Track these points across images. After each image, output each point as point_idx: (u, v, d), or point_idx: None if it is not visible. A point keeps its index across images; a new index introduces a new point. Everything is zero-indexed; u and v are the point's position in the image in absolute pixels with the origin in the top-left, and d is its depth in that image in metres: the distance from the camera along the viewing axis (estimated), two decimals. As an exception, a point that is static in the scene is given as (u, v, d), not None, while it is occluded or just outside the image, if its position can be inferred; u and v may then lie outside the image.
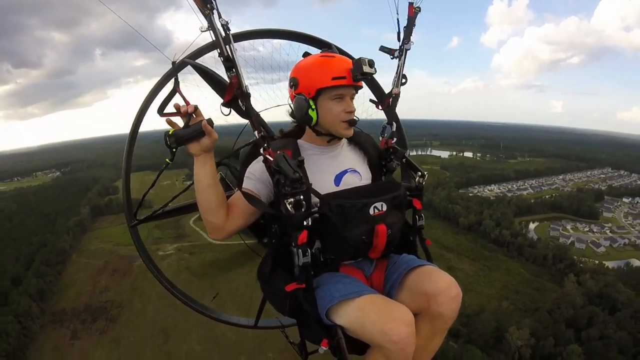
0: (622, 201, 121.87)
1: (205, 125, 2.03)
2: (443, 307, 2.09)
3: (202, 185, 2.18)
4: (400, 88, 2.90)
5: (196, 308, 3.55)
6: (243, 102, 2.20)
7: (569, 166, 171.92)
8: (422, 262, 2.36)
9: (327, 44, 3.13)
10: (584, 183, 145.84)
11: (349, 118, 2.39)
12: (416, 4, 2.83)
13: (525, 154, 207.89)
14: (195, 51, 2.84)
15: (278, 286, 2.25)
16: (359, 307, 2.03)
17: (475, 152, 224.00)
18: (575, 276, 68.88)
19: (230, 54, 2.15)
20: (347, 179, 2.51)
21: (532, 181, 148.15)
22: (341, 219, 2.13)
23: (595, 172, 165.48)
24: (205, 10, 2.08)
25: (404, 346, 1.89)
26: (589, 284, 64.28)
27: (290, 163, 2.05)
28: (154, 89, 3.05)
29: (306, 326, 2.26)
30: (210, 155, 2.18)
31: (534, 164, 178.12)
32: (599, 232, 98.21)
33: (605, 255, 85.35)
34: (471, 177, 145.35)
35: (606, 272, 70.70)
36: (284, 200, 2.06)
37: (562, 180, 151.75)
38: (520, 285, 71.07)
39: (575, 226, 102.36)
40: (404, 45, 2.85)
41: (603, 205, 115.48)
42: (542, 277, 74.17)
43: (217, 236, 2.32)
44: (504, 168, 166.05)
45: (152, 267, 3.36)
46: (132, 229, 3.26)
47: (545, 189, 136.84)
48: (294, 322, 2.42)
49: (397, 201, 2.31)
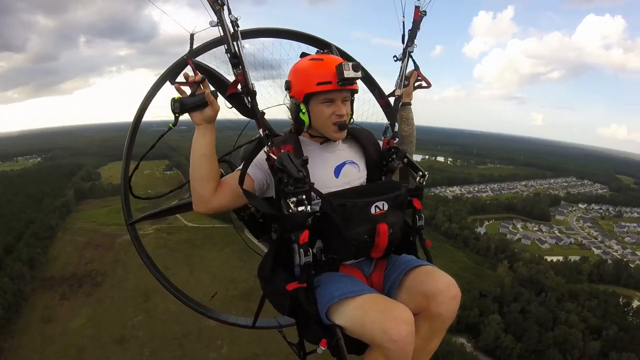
0: (578, 207, 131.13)
1: (208, 95, 2.05)
2: (442, 307, 2.08)
3: (197, 154, 2.16)
4: (402, 90, 2.97)
5: (194, 307, 3.50)
6: (249, 99, 2.24)
7: (535, 174, 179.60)
8: (421, 262, 2.35)
9: (328, 45, 3.30)
10: (545, 189, 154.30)
11: (338, 121, 2.39)
12: (422, 7, 2.90)
13: (496, 161, 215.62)
14: (201, 46, 2.81)
15: (279, 285, 2.23)
16: (359, 306, 2.03)
17: (447, 157, 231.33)
18: (508, 263, 78.20)
19: (238, 51, 2.15)
20: (346, 170, 2.55)
21: (494, 185, 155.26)
22: (343, 218, 2.12)
23: (559, 180, 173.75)
24: (216, 5, 2.08)
25: (404, 345, 1.89)
26: (521, 270, 73.42)
27: (294, 162, 2.04)
28: (161, 78, 2.98)
29: (305, 326, 2.24)
30: (212, 126, 2.17)
31: (501, 170, 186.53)
32: (548, 232, 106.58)
33: (549, 251, 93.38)
34: (435, 178, 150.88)
35: (541, 262, 79.41)
36: (285, 199, 2.05)
37: (523, 186, 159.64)
38: (460, 271, 77.80)
39: (526, 225, 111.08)
40: (408, 48, 2.91)
41: (557, 210, 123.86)
42: (483, 265, 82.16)
43: (201, 209, 2.30)
44: (470, 172, 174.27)
45: (150, 265, 3.33)
46: (130, 227, 3.26)
47: (504, 193, 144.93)
48: (292, 322, 2.50)
49: (399, 200, 2.30)
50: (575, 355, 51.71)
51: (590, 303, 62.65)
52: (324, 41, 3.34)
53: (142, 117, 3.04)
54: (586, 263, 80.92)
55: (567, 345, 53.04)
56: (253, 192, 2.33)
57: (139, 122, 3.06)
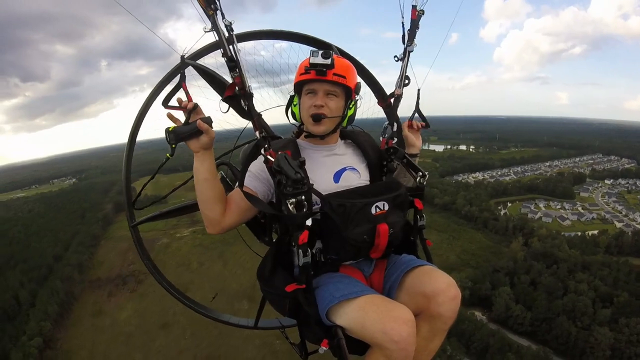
0: (604, 183, 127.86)
1: (200, 124, 2.02)
2: (442, 307, 2.08)
3: (199, 180, 2.19)
4: (402, 89, 2.98)
5: (196, 308, 3.64)
6: (246, 102, 2.24)
7: (559, 154, 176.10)
8: (421, 262, 2.35)
9: (328, 45, 3.32)
10: (569, 168, 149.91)
11: (313, 112, 2.40)
12: (419, 7, 2.90)
13: (519, 144, 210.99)
14: (198, 51, 2.88)
15: (278, 286, 2.23)
16: (360, 307, 2.02)
17: (469, 145, 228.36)
18: (524, 239, 79.50)
19: (234, 55, 2.18)
20: (346, 176, 2.54)
21: (517, 168, 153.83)
22: (343, 219, 2.12)
23: (585, 158, 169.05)
24: (209, 10, 2.10)
25: (405, 346, 1.88)
26: (535, 245, 74.77)
27: (291, 164, 2.05)
28: (157, 87, 3.09)
29: (306, 326, 2.26)
30: (209, 152, 2.17)
31: (523, 153, 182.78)
32: (570, 209, 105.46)
33: (570, 227, 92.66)
34: (456, 167, 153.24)
35: (556, 236, 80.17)
36: (285, 200, 2.04)
37: (547, 166, 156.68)
38: (478, 250, 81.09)
39: (548, 204, 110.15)
40: (407, 47, 2.93)
41: (582, 187, 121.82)
42: (501, 244, 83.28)
43: (214, 230, 2.33)
44: (491, 158, 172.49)
45: (151, 267, 3.44)
46: (132, 229, 3.34)
47: (527, 175, 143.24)
48: (294, 323, 2.44)
49: (399, 200, 2.30)
50: (585, 321, 52.90)
51: (601, 272, 63.41)
52: (324, 42, 3.37)
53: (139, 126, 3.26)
54: (604, 235, 80.00)
55: (576, 313, 54.40)
56: (262, 202, 2.32)
57: (137, 129, 3.25)
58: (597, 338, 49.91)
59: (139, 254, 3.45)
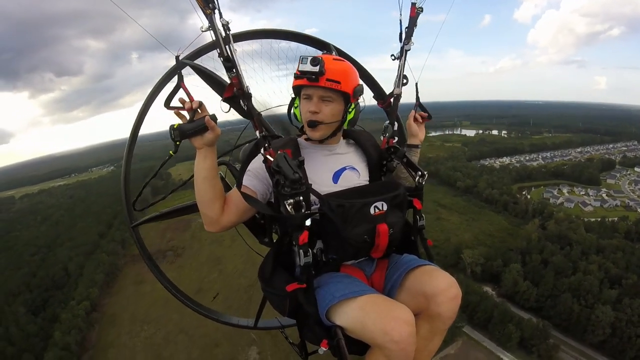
0: (634, 170, 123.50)
1: (208, 121, 2.04)
2: (442, 307, 2.08)
3: (200, 178, 2.19)
4: (401, 88, 2.94)
5: (196, 308, 3.59)
6: (244, 102, 2.20)
7: (592, 140, 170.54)
8: (422, 262, 2.34)
9: (326, 45, 3.30)
10: (601, 155, 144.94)
11: (308, 119, 2.40)
12: (419, 4, 2.84)
13: (552, 130, 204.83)
14: (195, 50, 2.87)
15: (279, 286, 2.24)
16: (360, 306, 2.02)
17: (501, 130, 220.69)
18: (541, 222, 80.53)
19: (230, 55, 2.13)
20: (346, 176, 2.53)
21: (546, 154, 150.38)
22: (342, 219, 2.12)
23: (618, 145, 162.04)
24: (207, 9, 2.07)
25: (405, 346, 1.88)
26: (552, 228, 75.80)
27: (290, 163, 2.03)
28: (155, 88, 3.11)
29: (306, 327, 2.25)
30: (213, 149, 2.18)
31: (554, 138, 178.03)
32: (594, 196, 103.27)
33: (591, 213, 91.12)
34: (484, 151, 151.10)
35: (574, 220, 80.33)
36: (283, 200, 2.04)
37: (578, 152, 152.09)
38: (496, 231, 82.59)
39: (572, 190, 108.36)
40: (404, 46, 2.87)
41: (609, 174, 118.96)
42: (519, 227, 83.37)
43: (212, 229, 2.34)
44: (522, 143, 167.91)
45: (152, 267, 3.40)
46: (132, 229, 3.35)
47: (556, 160, 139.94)
48: (294, 323, 2.42)
49: (398, 200, 2.30)
50: (590, 300, 54.26)
51: (614, 256, 63.81)
52: (322, 41, 3.35)
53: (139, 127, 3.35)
54: (624, 222, 79.34)
55: (581, 291, 55.79)
56: (260, 202, 2.34)
57: (139, 126, 3.33)
58: (598, 316, 51.21)
59: (141, 254, 3.50)
